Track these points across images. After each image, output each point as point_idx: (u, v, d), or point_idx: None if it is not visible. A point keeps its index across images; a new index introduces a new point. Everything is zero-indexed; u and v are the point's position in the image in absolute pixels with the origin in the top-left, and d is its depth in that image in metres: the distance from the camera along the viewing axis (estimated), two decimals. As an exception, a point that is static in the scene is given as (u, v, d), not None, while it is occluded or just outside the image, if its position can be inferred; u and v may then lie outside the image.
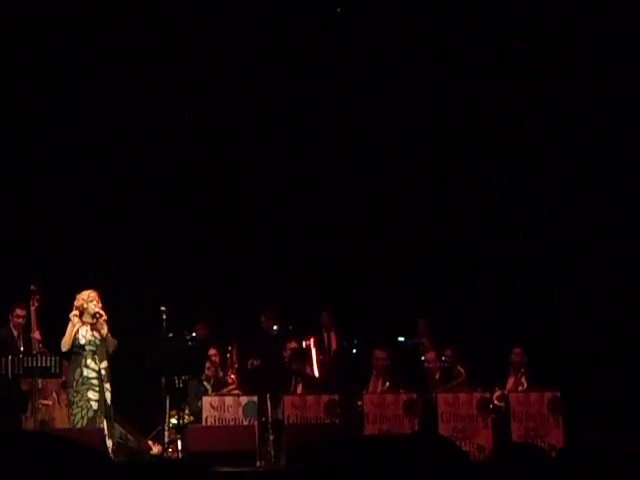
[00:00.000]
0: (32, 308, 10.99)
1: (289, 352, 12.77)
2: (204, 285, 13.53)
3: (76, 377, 10.07)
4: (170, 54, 13.28)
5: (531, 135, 14.02)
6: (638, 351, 13.02)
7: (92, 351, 10.11)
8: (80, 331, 10.14)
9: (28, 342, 11.33)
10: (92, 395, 10.01)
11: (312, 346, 12.78)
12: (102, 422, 9.97)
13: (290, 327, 13.13)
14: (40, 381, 11.10)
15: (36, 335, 10.58)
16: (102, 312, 10.15)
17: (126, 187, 13.75)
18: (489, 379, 12.27)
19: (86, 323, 10.18)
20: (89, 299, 10.20)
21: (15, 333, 11.64)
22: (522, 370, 12.54)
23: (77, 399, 10.02)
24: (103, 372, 10.11)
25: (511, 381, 12.55)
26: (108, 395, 10.07)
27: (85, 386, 10.03)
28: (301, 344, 12.84)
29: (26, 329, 11.45)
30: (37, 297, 10.98)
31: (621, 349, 13.22)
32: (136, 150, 13.64)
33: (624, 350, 13.18)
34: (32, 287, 10.97)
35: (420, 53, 13.70)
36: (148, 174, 13.78)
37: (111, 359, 10.28)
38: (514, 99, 13.82)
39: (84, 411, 9.96)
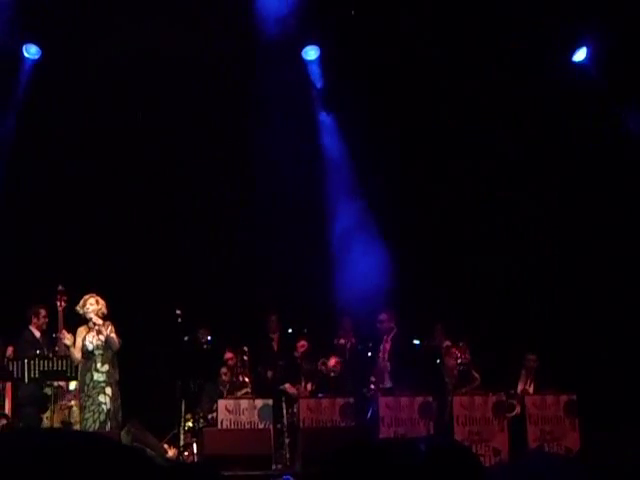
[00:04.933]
0: (60, 309, 11.02)
1: (300, 352, 12.83)
2: (217, 288, 13.55)
3: (87, 381, 10.11)
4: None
5: (531, 135, 14.01)
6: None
7: (101, 355, 10.18)
8: (87, 337, 10.21)
9: (52, 342, 11.39)
10: (103, 398, 10.04)
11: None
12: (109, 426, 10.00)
13: (305, 330, 13.16)
14: (65, 383, 11.17)
15: (62, 336, 10.60)
16: (97, 320, 10.20)
17: (142, 193, 13.80)
18: (500, 383, 12.26)
19: (92, 329, 10.23)
20: (83, 304, 10.34)
21: (37, 335, 11.70)
22: (532, 376, 12.54)
23: (89, 403, 10.06)
24: (104, 376, 10.13)
25: (520, 386, 12.54)
26: (107, 399, 10.06)
27: (96, 390, 10.06)
28: (312, 344, 12.90)
29: (49, 330, 11.53)
30: (64, 298, 11.01)
31: (638, 351, 13.15)
32: (155, 157, 13.68)
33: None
34: (60, 287, 11.00)
35: (420, 53, 13.70)
36: (162, 181, 13.83)
37: (116, 361, 10.28)
38: (514, 99, 13.80)
39: (96, 415, 9.99)
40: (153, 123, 13.65)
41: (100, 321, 10.24)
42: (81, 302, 10.35)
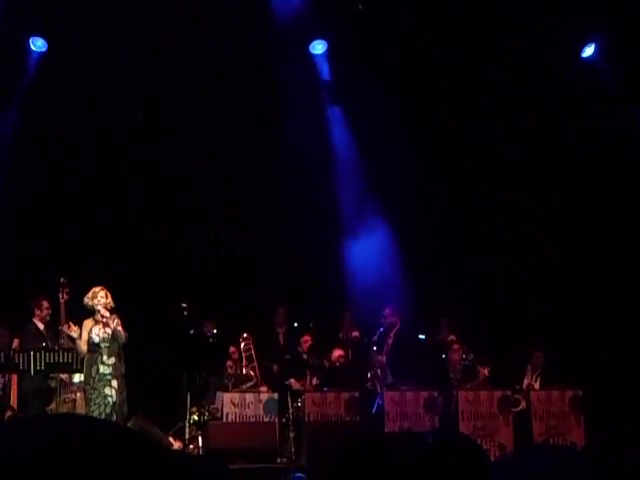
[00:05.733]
0: (61, 301, 11.01)
1: (305, 347, 12.84)
2: (223, 281, 13.56)
3: (92, 374, 10.08)
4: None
5: (535, 134, 14.01)
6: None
7: (107, 347, 10.15)
8: (93, 330, 10.17)
9: (55, 335, 11.39)
10: (109, 391, 10.02)
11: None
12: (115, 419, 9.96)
13: (311, 324, 13.17)
14: (67, 375, 11.18)
15: (65, 328, 10.60)
16: (105, 312, 10.18)
17: (147, 186, 13.80)
18: (505, 378, 12.26)
19: (98, 322, 10.20)
20: (93, 296, 10.24)
21: (41, 327, 11.70)
22: (538, 372, 12.55)
23: (94, 396, 10.03)
24: (110, 369, 10.12)
25: (526, 382, 12.55)
26: (113, 392, 10.05)
27: (102, 383, 10.03)
28: (317, 339, 12.92)
29: (52, 322, 11.53)
30: (66, 290, 11.00)
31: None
32: (158, 151, 13.68)
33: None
34: (62, 280, 10.99)
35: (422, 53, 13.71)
36: (167, 175, 13.83)
37: (122, 354, 10.29)
38: (514, 99, 13.80)
39: (102, 407, 9.97)
40: (160, 119, 13.66)
41: (108, 314, 10.23)
42: (90, 294, 10.30)
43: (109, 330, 10.16)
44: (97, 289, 10.29)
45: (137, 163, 13.78)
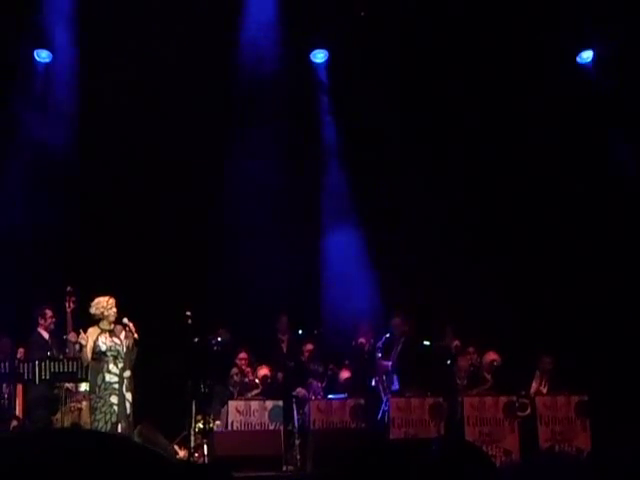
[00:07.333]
0: (68, 310, 10.96)
1: (306, 356, 12.83)
2: (227, 289, 13.56)
3: (98, 383, 9.98)
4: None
5: (533, 138, 14.04)
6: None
7: (113, 356, 10.00)
8: (100, 339, 10.00)
9: (62, 344, 11.38)
10: (114, 400, 9.95)
11: None
12: (120, 429, 9.89)
13: (315, 331, 13.15)
14: (73, 384, 11.16)
15: (71, 337, 10.55)
16: (130, 324, 10.07)
17: (152, 194, 13.81)
18: (512, 384, 12.23)
19: (104, 331, 10.08)
20: (108, 306, 10.04)
21: (46, 336, 11.68)
22: (547, 377, 12.52)
23: (100, 404, 9.94)
24: (125, 381, 10.05)
25: (534, 387, 12.52)
26: (128, 405, 10.00)
27: (107, 391, 9.94)
28: (321, 347, 12.91)
29: (58, 331, 11.52)
30: (73, 299, 10.95)
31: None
32: (163, 159, 13.69)
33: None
34: (68, 288, 10.94)
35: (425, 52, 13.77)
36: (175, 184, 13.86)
37: (134, 365, 10.26)
38: (514, 104, 13.82)
39: (107, 416, 9.90)
40: (162, 127, 13.67)
41: (112, 326, 10.11)
42: (104, 303, 10.04)
43: (117, 340, 10.09)
44: (111, 300, 10.11)
45: (142, 170, 13.78)
